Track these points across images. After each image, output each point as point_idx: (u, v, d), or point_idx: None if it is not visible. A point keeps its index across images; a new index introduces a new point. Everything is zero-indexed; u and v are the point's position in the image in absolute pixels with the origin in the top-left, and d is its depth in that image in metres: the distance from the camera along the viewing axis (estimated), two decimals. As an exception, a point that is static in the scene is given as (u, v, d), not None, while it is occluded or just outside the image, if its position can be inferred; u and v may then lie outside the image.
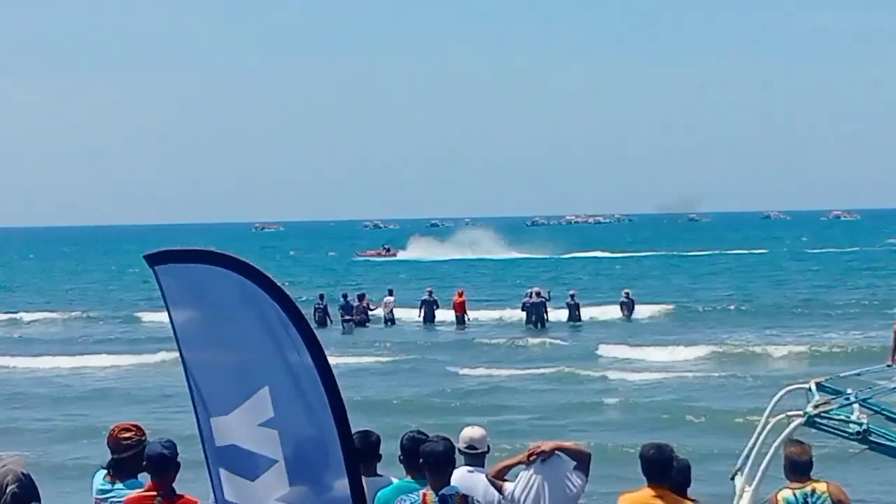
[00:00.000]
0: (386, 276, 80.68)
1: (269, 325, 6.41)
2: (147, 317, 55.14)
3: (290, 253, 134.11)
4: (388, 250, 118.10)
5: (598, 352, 38.98)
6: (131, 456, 8.91)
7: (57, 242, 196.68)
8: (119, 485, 8.92)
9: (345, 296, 48.69)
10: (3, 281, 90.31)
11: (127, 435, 8.98)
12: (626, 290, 51.16)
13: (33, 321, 57.31)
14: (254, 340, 6.44)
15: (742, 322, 47.77)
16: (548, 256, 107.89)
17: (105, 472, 9.06)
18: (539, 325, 46.59)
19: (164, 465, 8.52)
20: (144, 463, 8.84)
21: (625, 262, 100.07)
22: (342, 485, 6.43)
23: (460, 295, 50.25)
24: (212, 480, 6.74)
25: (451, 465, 8.85)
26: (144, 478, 8.73)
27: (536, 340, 42.76)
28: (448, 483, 8.63)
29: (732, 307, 53.84)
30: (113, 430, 9.03)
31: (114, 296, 72.44)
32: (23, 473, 8.02)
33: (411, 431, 9.50)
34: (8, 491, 7.87)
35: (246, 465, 6.55)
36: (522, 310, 48.04)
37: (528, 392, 31.58)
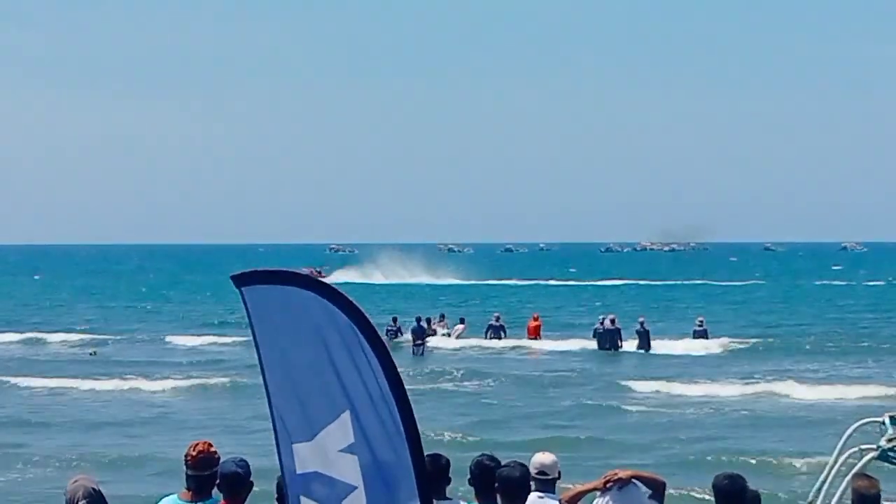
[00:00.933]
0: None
1: (349, 349, 6.45)
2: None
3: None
4: (320, 272, 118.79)
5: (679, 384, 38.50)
6: (212, 474, 8.83)
7: (145, 259, 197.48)
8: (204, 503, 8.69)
9: (418, 319, 48.65)
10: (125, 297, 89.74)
11: (211, 451, 8.88)
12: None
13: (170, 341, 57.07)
14: (335, 364, 6.48)
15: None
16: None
17: (173, 495, 8.80)
18: (613, 351, 46.57)
19: (239, 483, 8.53)
20: (217, 482, 8.88)
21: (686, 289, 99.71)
22: (416, 509, 6.45)
23: (535, 319, 50.15)
24: None
25: (527, 492, 8.85)
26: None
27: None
28: None
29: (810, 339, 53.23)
30: (193, 447, 8.81)
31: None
32: (93, 489, 8.12)
33: (483, 456, 9.51)
34: (79, 505, 7.98)
35: (327, 492, 6.56)
36: (593, 336, 47.89)
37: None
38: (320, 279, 6.70)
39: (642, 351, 47.45)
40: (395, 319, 49.51)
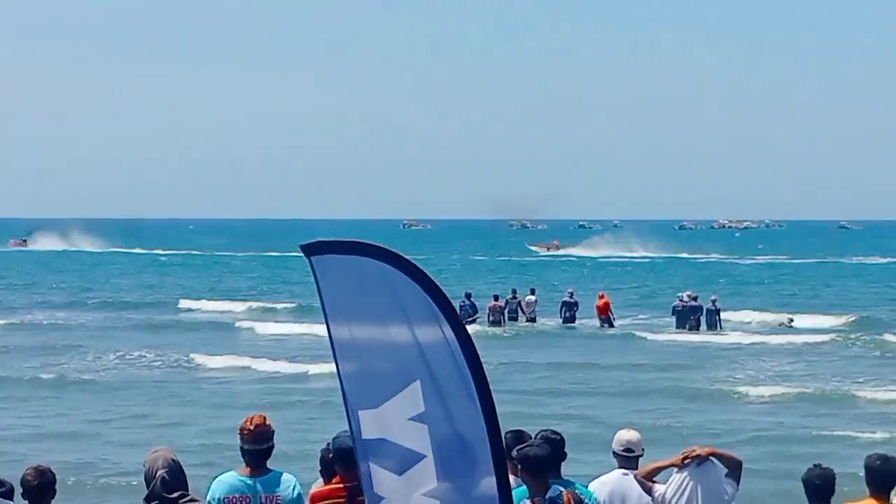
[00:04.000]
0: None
1: (422, 319, 6.41)
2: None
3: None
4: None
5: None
6: (269, 448, 8.70)
7: (234, 234, 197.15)
8: (261, 478, 8.58)
9: (468, 295, 48.19)
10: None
11: (266, 424, 8.64)
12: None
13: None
14: (407, 334, 6.44)
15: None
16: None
17: (231, 472, 8.73)
18: (693, 329, 45.94)
19: (354, 458, 8.56)
20: (331, 456, 8.81)
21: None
22: (489, 483, 6.41)
23: (602, 297, 49.81)
24: (360, 473, 6.74)
25: (551, 471, 8.72)
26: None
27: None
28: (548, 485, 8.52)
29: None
30: (249, 420, 8.65)
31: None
32: (172, 460, 8.14)
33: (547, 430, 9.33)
34: (158, 475, 8.02)
35: (394, 459, 6.55)
36: (672, 314, 47.56)
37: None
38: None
39: (711, 329, 46.50)
40: (468, 295, 49.02)
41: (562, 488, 8.54)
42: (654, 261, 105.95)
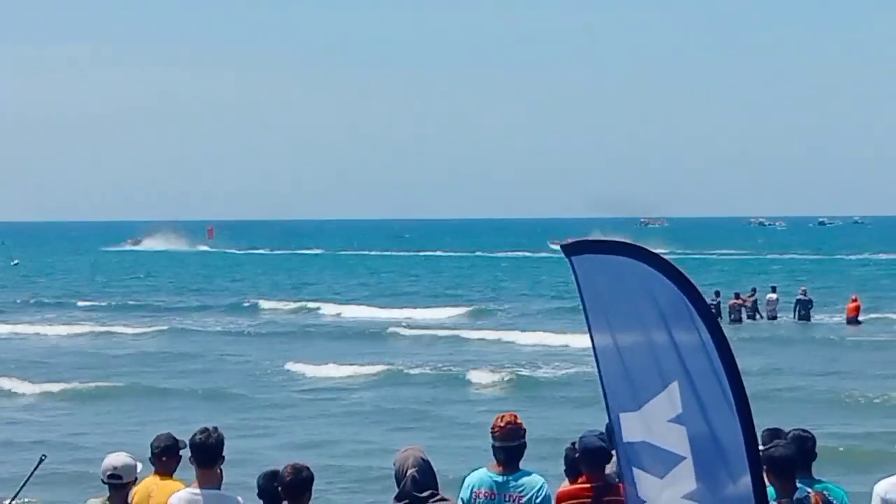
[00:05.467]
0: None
1: (679, 320, 6.37)
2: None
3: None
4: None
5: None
6: (520, 445, 8.81)
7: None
8: (509, 476, 8.75)
9: (717, 294, 47.83)
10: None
11: (517, 422, 8.82)
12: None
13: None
14: (665, 334, 6.41)
15: None
16: None
17: (482, 469, 8.89)
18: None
19: (602, 457, 8.63)
20: (577, 455, 8.85)
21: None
22: (745, 482, 6.33)
23: (854, 300, 48.96)
24: (624, 477, 6.73)
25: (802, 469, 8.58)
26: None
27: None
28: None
29: None
30: (500, 418, 8.83)
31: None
32: (423, 459, 8.23)
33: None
34: (408, 474, 8.10)
35: (656, 461, 6.52)
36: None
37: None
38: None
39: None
40: (717, 293, 48.40)
41: (809, 490, 8.33)
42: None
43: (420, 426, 27.73)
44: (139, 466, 9.18)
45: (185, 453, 8.93)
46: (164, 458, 9.22)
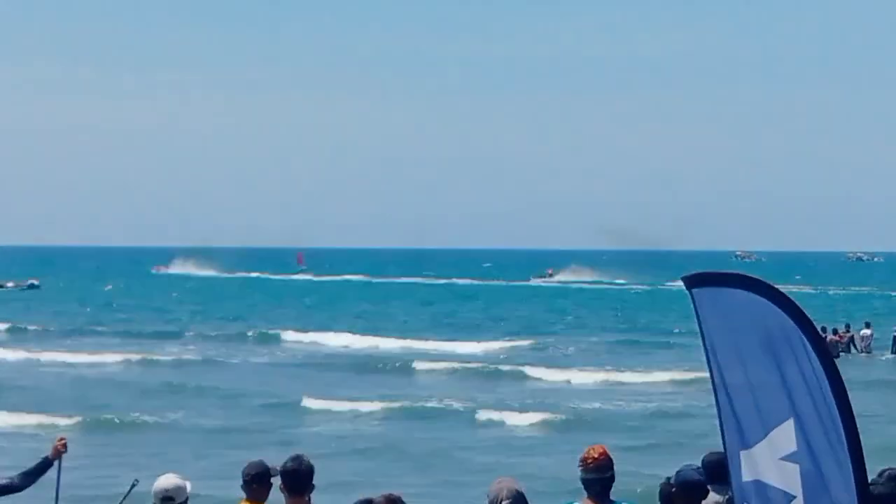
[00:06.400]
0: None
1: (795, 354, 6.35)
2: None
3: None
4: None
5: None
6: (611, 476, 8.74)
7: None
8: None
9: (823, 329, 47.36)
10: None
11: (608, 454, 8.78)
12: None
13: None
14: (781, 370, 6.39)
15: None
16: None
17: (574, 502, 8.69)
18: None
19: (700, 492, 8.64)
20: (673, 490, 8.83)
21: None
22: (853, 522, 6.28)
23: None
24: None
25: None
26: None
27: None
28: None
29: None
30: (592, 449, 8.60)
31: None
32: (517, 490, 8.22)
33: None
34: (502, 504, 8.09)
35: (768, 501, 6.49)
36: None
37: None
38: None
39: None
40: (823, 329, 47.99)
41: None
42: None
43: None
44: (188, 486, 9.26)
45: (276, 481, 9.00)
46: (255, 485, 9.30)
